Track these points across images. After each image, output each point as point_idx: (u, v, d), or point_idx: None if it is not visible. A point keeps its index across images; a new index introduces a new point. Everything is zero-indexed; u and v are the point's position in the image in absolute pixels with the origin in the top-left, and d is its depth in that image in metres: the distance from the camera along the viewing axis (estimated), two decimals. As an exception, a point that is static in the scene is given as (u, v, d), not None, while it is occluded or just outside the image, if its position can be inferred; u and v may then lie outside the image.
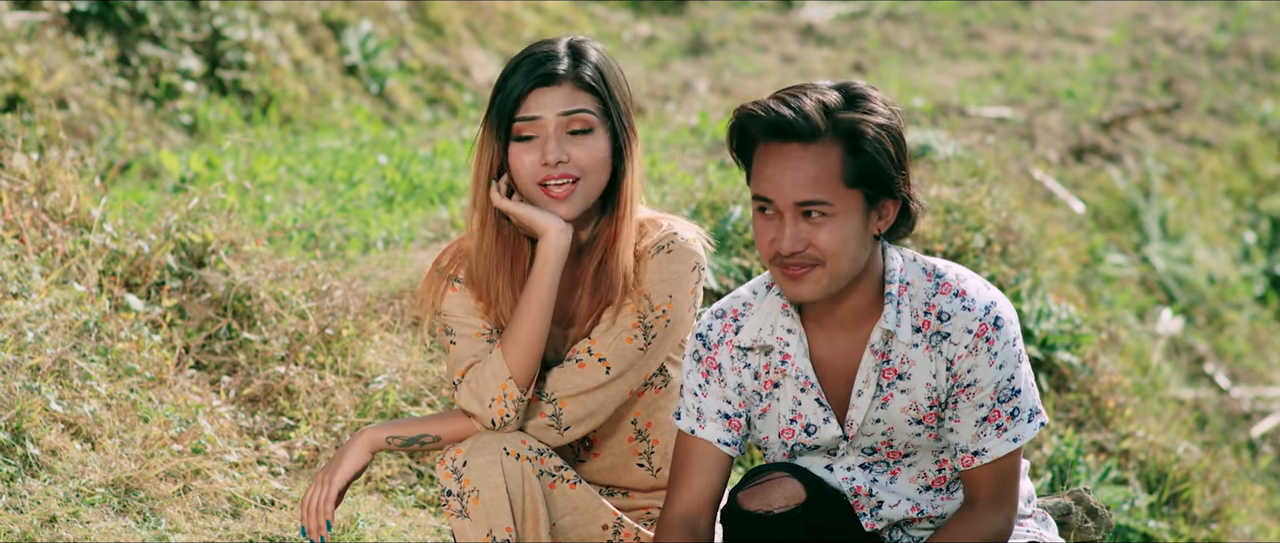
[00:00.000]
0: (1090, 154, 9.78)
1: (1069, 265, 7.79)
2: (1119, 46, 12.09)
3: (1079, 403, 6.48)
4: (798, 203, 3.36)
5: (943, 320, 3.44)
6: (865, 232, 3.40)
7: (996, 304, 3.45)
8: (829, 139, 3.36)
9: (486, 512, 3.57)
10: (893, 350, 3.47)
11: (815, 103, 3.37)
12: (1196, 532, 6.40)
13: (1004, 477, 3.48)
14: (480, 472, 3.57)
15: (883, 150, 3.36)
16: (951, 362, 3.44)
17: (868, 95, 3.41)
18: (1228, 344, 9.07)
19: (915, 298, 3.47)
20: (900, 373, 3.47)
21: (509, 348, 3.64)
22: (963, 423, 3.47)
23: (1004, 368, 3.44)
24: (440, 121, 9.17)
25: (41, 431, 4.38)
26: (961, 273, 3.49)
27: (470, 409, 3.65)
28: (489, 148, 3.66)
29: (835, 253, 3.37)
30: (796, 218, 3.37)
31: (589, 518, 3.70)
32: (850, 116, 3.36)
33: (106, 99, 7.73)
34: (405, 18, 9.93)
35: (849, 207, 3.37)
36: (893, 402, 3.49)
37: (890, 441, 3.52)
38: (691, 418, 3.60)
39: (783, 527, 3.47)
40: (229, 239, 5.22)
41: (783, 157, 3.37)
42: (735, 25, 11.85)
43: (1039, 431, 3.49)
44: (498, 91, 3.64)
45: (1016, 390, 3.45)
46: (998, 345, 3.43)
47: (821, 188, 3.35)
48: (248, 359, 5.02)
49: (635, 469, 3.82)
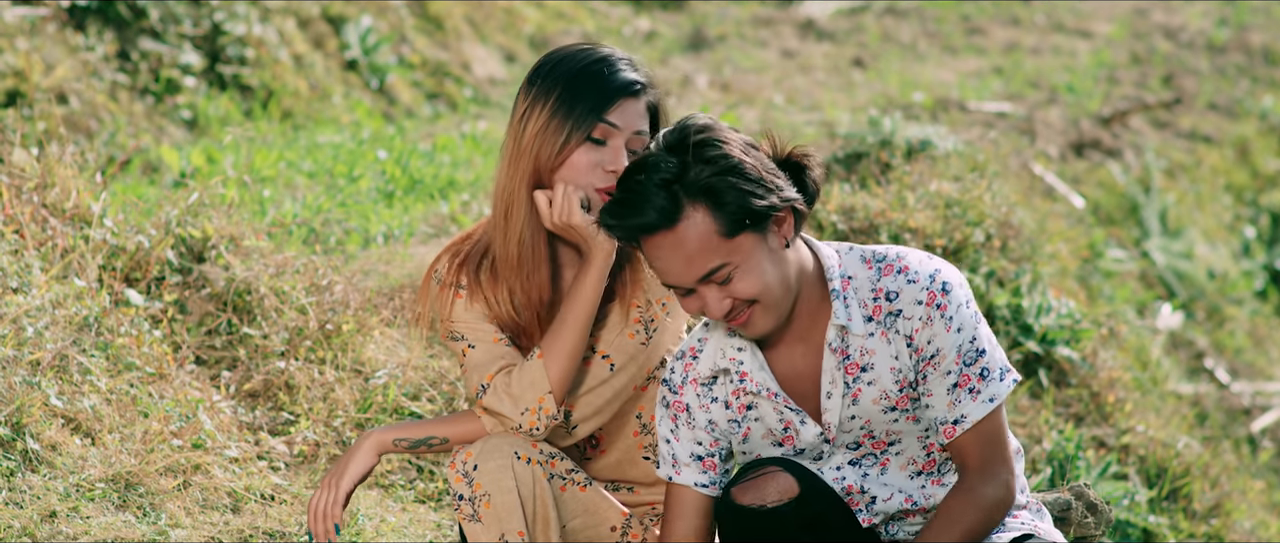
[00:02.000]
0: (1090, 149, 9.78)
1: (1069, 260, 7.79)
2: (1119, 41, 12.09)
3: (1079, 398, 6.48)
4: (699, 280, 3.36)
5: (891, 300, 3.44)
6: (775, 254, 3.39)
7: (941, 271, 3.45)
8: (689, 209, 3.33)
9: (498, 516, 3.57)
10: (850, 345, 3.47)
11: (658, 186, 3.33)
12: (1196, 527, 6.40)
13: (989, 440, 3.47)
14: (492, 476, 3.57)
15: (740, 190, 3.33)
16: (910, 337, 3.44)
17: (705, 140, 3.35)
18: (1228, 339, 9.08)
19: (860, 289, 3.46)
20: (863, 365, 3.47)
21: (551, 360, 3.61)
22: (935, 395, 3.47)
23: (963, 330, 3.43)
24: (440, 117, 9.17)
25: (41, 426, 4.38)
26: (901, 251, 3.49)
27: (500, 410, 3.62)
28: (554, 139, 3.56)
29: (761, 291, 3.38)
30: (708, 286, 3.38)
31: (599, 520, 3.71)
32: (697, 180, 3.32)
33: (107, 94, 7.73)
34: (405, 13, 9.93)
35: (745, 248, 3.36)
36: (863, 395, 3.49)
37: (871, 432, 3.53)
38: (667, 466, 3.63)
39: (777, 521, 3.48)
40: (229, 234, 5.22)
41: (660, 247, 3.37)
42: (735, 20, 11.85)
43: (1013, 387, 3.47)
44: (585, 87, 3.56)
45: (981, 351, 3.44)
46: (951, 310, 3.42)
47: (710, 256, 3.34)
48: (248, 354, 5.02)
49: (641, 463, 3.82)
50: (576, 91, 3.56)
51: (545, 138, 3.57)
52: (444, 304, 3.70)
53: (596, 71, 3.57)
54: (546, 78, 3.59)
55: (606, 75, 3.57)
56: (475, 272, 3.69)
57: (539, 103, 3.58)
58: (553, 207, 3.57)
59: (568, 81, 3.57)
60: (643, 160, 3.38)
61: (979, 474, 3.47)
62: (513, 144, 3.61)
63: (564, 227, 3.58)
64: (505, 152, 3.63)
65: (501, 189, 3.64)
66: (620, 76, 3.58)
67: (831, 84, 10.34)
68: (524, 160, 3.59)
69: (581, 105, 3.56)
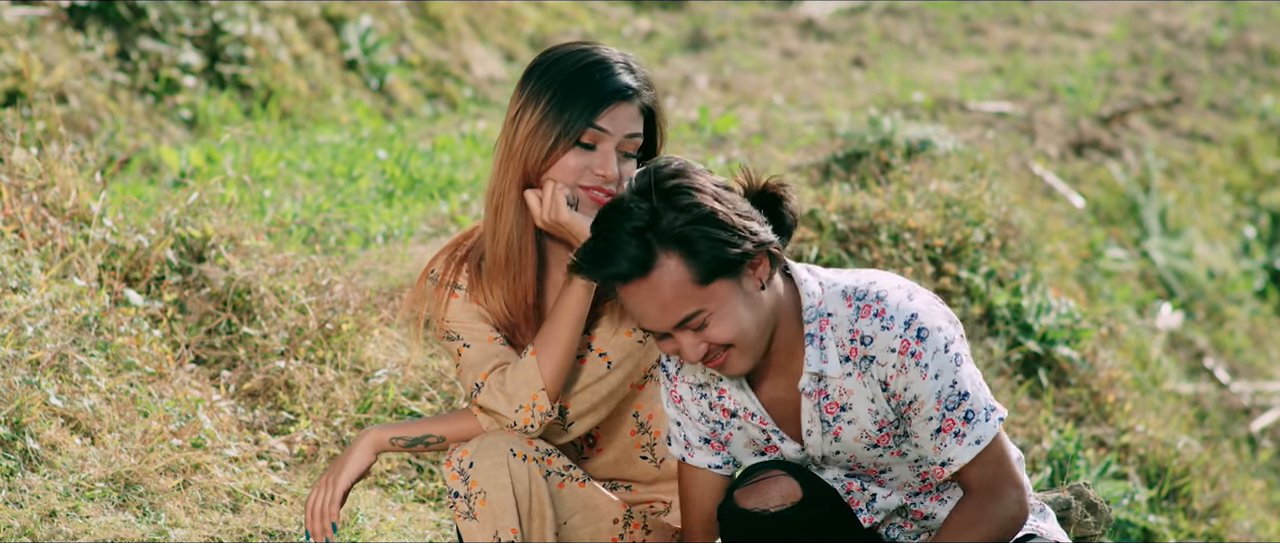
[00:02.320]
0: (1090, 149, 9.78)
1: (1069, 260, 7.79)
2: (1119, 41, 12.08)
3: (1079, 398, 6.47)
4: (675, 326, 3.34)
5: (866, 344, 3.39)
6: (751, 297, 3.36)
7: (917, 316, 3.38)
8: (662, 258, 3.30)
9: (493, 513, 3.56)
10: (828, 386, 3.44)
11: (629, 234, 3.29)
12: (1196, 527, 6.40)
13: (988, 468, 3.43)
14: (487, 473, 3.56)
15: (713, 239, 3.29)
16: (885, 383, 3.40)
17: (676, 188, 3.31)
18: (1227, 339, 9.07)
19: (838, 328, 3.41)
20: (842, 405, 3.45)
21: (544, 357, 3.60)
22: (921, 438, 3.44)
23: (940, 376, 3.37)
24: (440, 116, 9.17)
25: (41, 425, 4.38)
26: (882, 288, 3.41)
27: (495, 407, 3.62)
28: (543, 142, 3.55)
29: (737, 336, 3.35)
30: (683, 332, 3.35)
31: (598, 516, 3.70)
32: (670, 229, 3.28)
33: (106, 94, 7.73)
34: (405, 13, 9.93)
35: (719, 295, 3.32)
36: (844, 433, 3.47)
37: (858, 464, 3.52)
38: (680, 446, 3.64)
39: (779, 525, 3.47)
40: (229, 234, 5.21)
41: (634, 295, 3.34)
42: (735, 20, 11.85)
43: (1000, 426, 3.41)
44: (576, 91, 3.55)
45: (964, 394, 3.39)
46: (926, 357, 3.36)
47: (684, 303, 3.32)
48: (247, 354, 5.02)
49: (639, 462, 3.82)
50: (569, 95, 3.56)
51: (535, 140, 3.57)
52: (440, 304, 3.70)
53: (590, 75, 3.56)
54: (541, 78, 3.59)
55: (599, 79, 3.56)
56: (476, 270, 3.70)
57: (531, 104, 3.58)
58: (542, 205, 3.57)
59: (561, 84, 3.57)
60: (614, 205, 3.35)
61: (985, 494, 3.44)
62: (505, 144, 3.61)
63: (553, 224, 3.58)
64: (498, 151, 3.63)
65: (493, 189, 3.64)
66: (614, 81, 3.57)
67: (831, 84, 10.34)
68: (514, 161, 3.60)
69: (572, 109, 3.55)
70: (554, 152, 3.56)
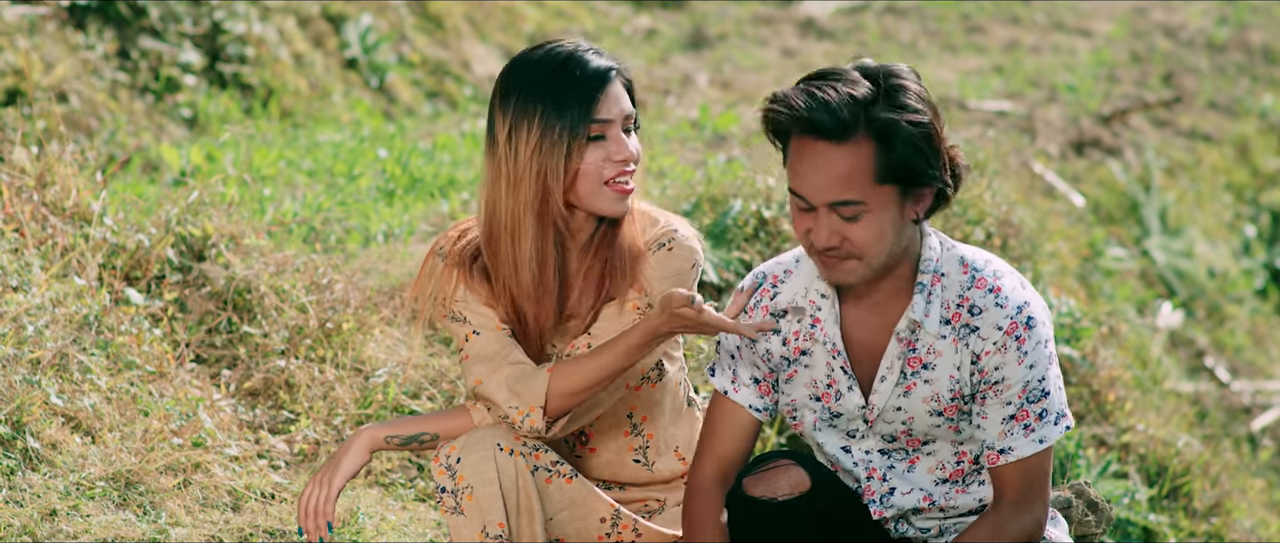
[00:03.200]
0: (1090, 148, 9.78)
1: (1069, 259, 7.79)
2: (1119, 40, 12.08)
3: (1079, 397, 6.47)
4: (830, 203, 3.34)
5: (973, 314, 3.43)
6: (901, 221, 3.38)
7: (1030, 304, 3.43)
8: (861, 137, 3.31)
9: (480, 508, 3.56)
10: (919, 340, 3.46)
11: (846, 98, 3.30)
12: (1197, 526, 6.40)
13: (1032, 477, 3.46)
14: (474, 468, 3.56)
15: (915, 146, 3.32)
16: (978, 356, 3.43)
17: (902, 87, 3.34)
18: (1228, 338, 9.07)
19: (948, 290, 3.45)
20: (925, 363, 3.47)
21: (559, 379, 3.56)
22: (990, 420, 3.46)
23: (1034, 368, 3.42)
24: (440, 115, 9.17)
25: (42, 424, 4.38)
26: (999, 269, 3.46)
27: (495, 397, 3.60)
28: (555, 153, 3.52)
29: (870, 246, 3.36)
30: (831, 214, 3.35)
31: (585, 512, 3.69)
32: (882, 115, 3.30)
33: (107, 93, 7.73)
34: (405, 11, 9.93)
35: (883, 201, 3.34)
36: (915, 391, 3.48)
37: (910, 429, 3.51)
38: (727, 378, 3.61)
39: (787, 515, 3.47)
40: (229, 233, 5.21)
41: (815, 154, 3.33)
42: (735, 19, 11.85)
43: (1063, 433, 3.46)
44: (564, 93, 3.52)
45: (1046, 392, 3.44)
46: (1028, 345, 3.41)
47: (853, 187, 3.32)
48: (248, 353, 5.01)
49: (631, 465, 3.81)
50: (559, 99, 3.53)
51: (546, 156, 3.54)
52: (448, 282, 3.67)
53: (570, 72, 3.54)
54: (522, 94, 3.55)
55: (580, 74, 3.55)
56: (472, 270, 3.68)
57: (523, 122, 3.55)
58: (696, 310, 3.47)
59: (546, 92, 3.54)
60: (841, 72, 3.35)
61: (1013, 506, 3.46)
62: (506, 168, 3.56)
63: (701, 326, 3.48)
64: (500, 176, 3.57)
65: (505, 214, 3.58)
66: (594, 68, 3.55)
67: (831, 83, 10.32)
68: (526, 183, 3.56)
69: (569, 112, 3.53)
70: (572, 160, 3.54)
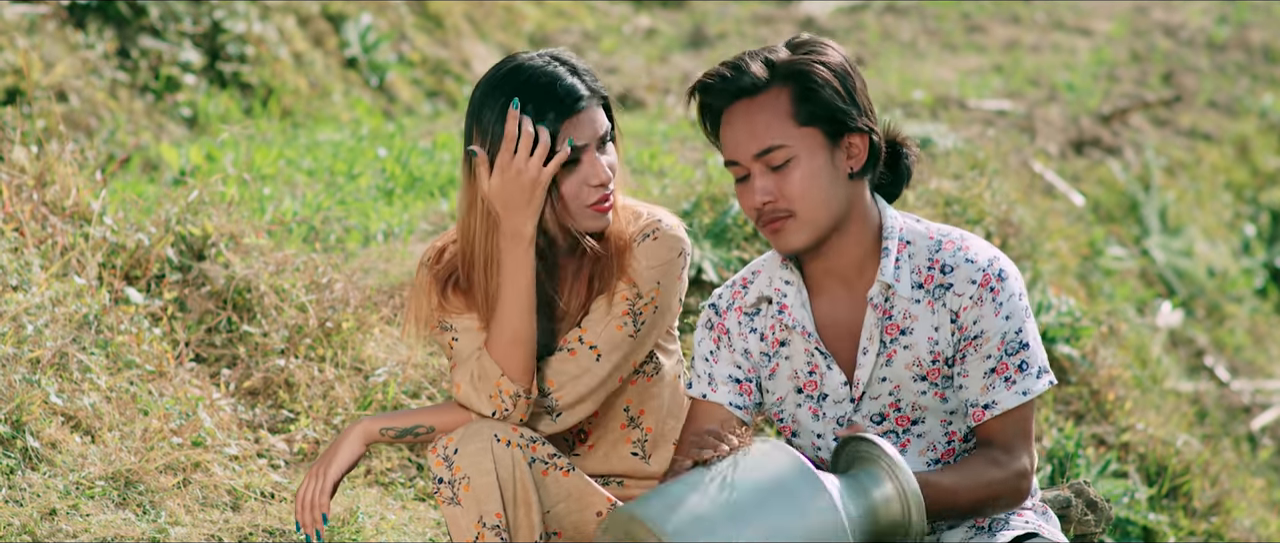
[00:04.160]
0: (1090, 147, 9.78)
1: (1069, 258, 7.79)
2: (1119, 39, 12.09)
3: (1079, 396, 6.48)
4: (755, 155, 3.40)
5: (945, 273, 3.46)
6: (834, 171, 3.42)
7: (1000, 259, 3.48)
8: (775, 86, 3.40)
9: (477, 499, 3.57)
10: (894, 306, 3.48)
11: (760, 57, 3.43)
12: (1196, 525, 6.40)
13: (1016, 427, 3.47)
14: (471, 459, 3.57)
15: (830, 86, 3.39)
16: (956, 314, 3.45)
17: (815, 42, 3.45)
18: (1228, 337, 9.08)
19: (916, 257, 3.48)
20: (903, 328, 3.48)
21: (494, 347, 3.62)
22: (971, 376, 3.47)
23: (1011, 319, 3.44)
24: (440, 114, 9.17)
25: (41, 423, 4.38)
26: (966, 235, 3.52)
27: (470, 403, 3.65)
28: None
29: (803, 196, 3.40)
30: (762, 171, 3.41)
31: (582, 505, 3.69)
32: (794, 59, 3.40)
33: (106, 92, 7.73)
34: (405, 11, 9.93)
35: (808, 146, 3.39)
36: (897, 358, 3.50)
37: (898, 402, 3.52)
38: (703, 384, 3.63)
39: None
40: (229, 232, 5.22)
41: (736, 115, 3.42)
42: (735, 18, 11.85)
43: (1047, 389, 3.48)
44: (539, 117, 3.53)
45: (1024, 344, 3.45)
46: (1002, 297, 3.44)
47: (774, 132, 3.39)
48: (248, 352, 5.02)
49: (629, 458, 3.82)
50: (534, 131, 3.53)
51: None
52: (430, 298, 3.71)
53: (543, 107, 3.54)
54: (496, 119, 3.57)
55: (550, 111, 3.54)
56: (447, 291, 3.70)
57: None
58: None
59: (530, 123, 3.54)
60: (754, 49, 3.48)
61: (1003, 450, 3.47)
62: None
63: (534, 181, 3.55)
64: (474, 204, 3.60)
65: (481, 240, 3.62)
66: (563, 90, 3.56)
67: (831, 82, 10.32)
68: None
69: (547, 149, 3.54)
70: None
